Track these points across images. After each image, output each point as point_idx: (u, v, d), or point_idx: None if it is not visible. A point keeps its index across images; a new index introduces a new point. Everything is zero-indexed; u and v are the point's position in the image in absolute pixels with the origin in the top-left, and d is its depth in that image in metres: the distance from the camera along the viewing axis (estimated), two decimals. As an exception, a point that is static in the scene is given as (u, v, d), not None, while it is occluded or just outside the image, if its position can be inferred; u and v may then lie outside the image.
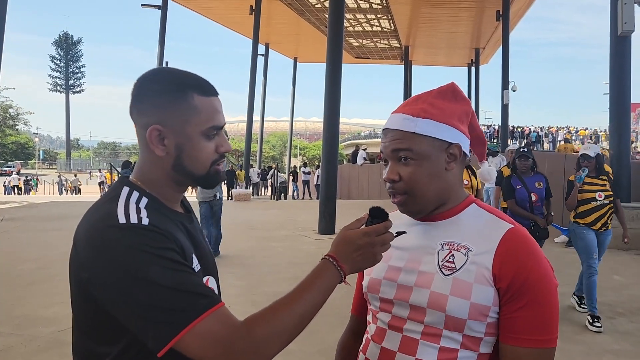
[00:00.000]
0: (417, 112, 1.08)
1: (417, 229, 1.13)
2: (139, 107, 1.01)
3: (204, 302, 0.88)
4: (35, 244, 8.19)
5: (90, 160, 70.14)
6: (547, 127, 39.14)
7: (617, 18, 7.97)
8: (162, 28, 20.32)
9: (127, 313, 0.88)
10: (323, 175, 9.95)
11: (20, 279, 5.91)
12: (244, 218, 11.58)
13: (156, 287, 0.86)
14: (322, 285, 0.96)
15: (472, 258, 1.03)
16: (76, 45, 74.01)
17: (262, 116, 29.69)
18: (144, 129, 1.00)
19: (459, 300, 1.00)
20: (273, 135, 75.34)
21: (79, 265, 0.94)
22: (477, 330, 1.02)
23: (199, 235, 1.09)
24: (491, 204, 10.30)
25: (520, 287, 0.99)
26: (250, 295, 5.24)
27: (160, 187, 1.03)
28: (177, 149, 1.00)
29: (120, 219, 0.91)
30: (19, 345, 3.79)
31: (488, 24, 21.35)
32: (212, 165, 1.03)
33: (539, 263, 1.02)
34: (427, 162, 1.07)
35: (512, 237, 1.03)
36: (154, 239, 0.90)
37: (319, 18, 23.23)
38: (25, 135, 70.45)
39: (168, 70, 1.05)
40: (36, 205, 15.87)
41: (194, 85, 1.01)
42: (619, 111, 8.48)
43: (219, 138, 1.04)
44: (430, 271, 1.05)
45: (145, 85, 1.02)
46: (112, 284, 0.88)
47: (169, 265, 0.89)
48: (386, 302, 1.11)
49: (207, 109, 1.01)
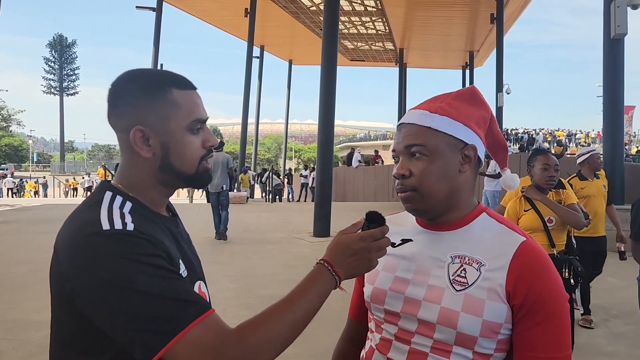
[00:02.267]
0: (435, 108, 1.05)
1: (424, 237, 1.09)
2: (117, 111, 0.97)
3: (193, 310, 0.85)
4: (28, 247, 8.13)
5: (85, 163, 69.82)
6: (538, 129, 39.40)
7: (610, 21, 8.02)
8: (157, 30, 20.30)
9: (114, 324, 0.84)
10: (318, 178, 9.95)
11: (12, 282, 5.86)
12: (239, 220, 11.54)
13: (143, 296, 0.83)
14: (317, 291, 0.94)
15: (485, 274, 0.99)
16: (70, 47, 73.72)
17: (257, 118, 29.66)
18: (125, 132, 0.96)
19: (471, 318, 0.97)
20: (268, 138, 75.35)
21: (61, 276, 0.90)
22: (488, 347, 0.99)
23: (184, 240, 1.06)
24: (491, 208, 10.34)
25: (534, 304, 0.96)
26: (245, 299, 5.21)
27: (145, 190, 0.99)
28: (163, 148, 0.96)
29: (104, 225, 0.87)
30: (10, 350, 3.75)
31: (482, 26, 21.44)
32: (201, 162, 1.00)
33: (552, 278, 0.99)
34: (440, 159, 1.03)
35: (525, 252, 1.00)
36: (140, 245, 0.87)
37: (314, 20, 23.26)
38: (18, 138, 70.09)
39: (141, 70, 1.01)
40: (30, 208, 15.77)
41: (170, 80, 0.98)
42: (612, 113, 8.53)
43: (204, 132, 1.00)
44: (440, 285, 1.01)
45: (120, 87, 0.98)
46: (97, 294, 0.84)
47: (155, 272, 0.85)
48: (392, 315, 1.07)
49: (187, 102, 0.98)
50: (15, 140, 66.86)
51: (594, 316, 4.54)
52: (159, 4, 20.47)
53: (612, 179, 8.11)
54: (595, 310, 4.73)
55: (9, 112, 55.82)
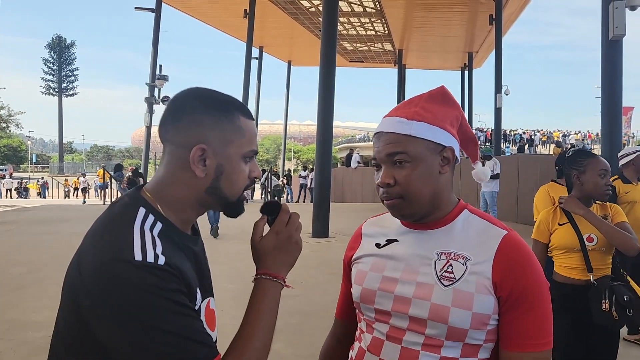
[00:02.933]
0: (411, 115, 1.08)
1: (409, 237, 1.12)
2: (177, 125, 0.96)
3: (204, 352, 0.86)
4: (26, 248, 8.12)
5: (84, 164, 69.72)
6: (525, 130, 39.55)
7: (608, 22, 8.04)
8: (156, 31, 20.28)
9: (126, 354, 0.84)
10: (317, 179, 9.95)
11: (10, 283, 5.85)
12: (237, 221, 11.50)
13: (164, 333, 0.83)
14: (269, 305, 0.97)
15: (471, 268, 1.03)
16: (69, 48, 73.70)
17: (256, 119, 29.37)
18: (182, 148, 0.94)
19: (461, 311, 1.00)
20: (267, 139, 75.35)
21: (81, 289, 0.88)
22: (478, 338, 1.03)
23: (202, 257, 1.05)
24: (488, 208, 10.32)
25: (520, 294, 1.01)
26: (244, 299, 5.13)
27: (182, 209, 0.98)
28: (217, 171, 0.96)
29: (137, 255, 0.85)
30: (9, 351, 3.75)
31: (481, 28, 21.46)
32: (243, 191, 1.00)
33: (536, 269, 1.04)
34: (422, 164, 1.06)
35: (509, 245, 1.04)
36: (167, 280, 0.86)
37: (313, 22, 23.26)
38: (17, 139, 70.08)
39: (208, 89, 1.00)
40: (28, 209, 15.75)
41: (238, 106, 0.99)
42: (610, 114, 8.54)
43: (252, 163, 1.01)
44: (429, 282, 1.04)
45: (186, 102, 0.97)
46: (118, 324, 0.83)
47: (177, 309, 0.85)
48: (382, 314, 1.09)
49: (250, 131, 0.99)
50: (14, 141, 66.83)
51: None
52: (158, 5, 20.45)
53: (610, 180, 8.14)
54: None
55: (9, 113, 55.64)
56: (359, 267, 1.17)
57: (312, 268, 6.53)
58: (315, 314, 4.63)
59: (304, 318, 4.56)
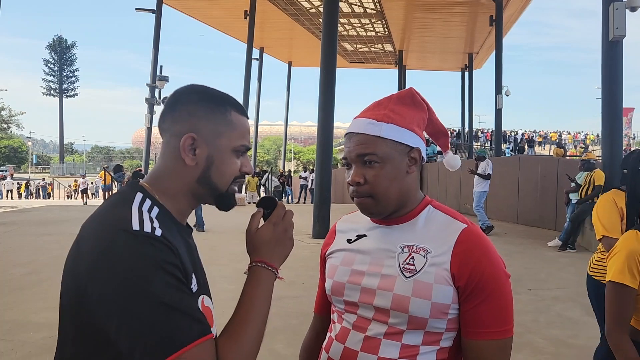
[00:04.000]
0: (381, 117, 1.13)
1: (377, 232, 1.18)
2: (174, 115, 1.01)
3: (198, 329, 0.86)
4: (26, 249, 8.13)
5: (84, 165, 69.78)
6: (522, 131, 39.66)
7: (608, 23, 8.04)
8: (157, 32, 20.28)
9: (120, 325, 0.83)
10: (317, 180, 9.96)
11: (10, 284, 5.86)
12: (237, 222, 11.53)
13: (157, 302, 0.83)
14: (263, 292, 0.99)
15: (431, 260, 1.08)
16: (70, 49, 73.66)
17: (256, 120, 29.65)
18: (175, 137, 0.99)
19: (421, 301, 1.06)
20: (267, 140, 75.30)
21: (79, 266, 0.89)
22: (438, 327, 1.08)
23: (196, 251, 1.07)
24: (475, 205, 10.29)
25: (477, 284, 1.05)
26: (244, 300, 5.21)
27: (177, 198, 1.01)
28: (207, 161, 1.00)
29: (135, 225, 0.88)
30: (9, 351, 3.75)
31: (481, 29, 21.45)
32: (232, 183, 1.03)
33: (493, 259, 1.09)
34: (390, 165, 1.11)
35: (467, 237, 1.09)
36: (164, 251, 0.88)
37: (314, 22, 23.27)
38: (18, 139, 70.12)
39: (205, 86, 1.06)
40: (29, 210, 15.76)
41: (232, 102, 1.04)
42: (611, 115, 8.53)
43: (243, 158, 1.05)
44: (392, 274, 1.10)
45: (183, 95, 1.02)
46: (114, 290, 0.84)
47: (172, 283, 0.86)
48: (351, 305, 1.15)
49: (241, 126, 1.04)
50: (15, 142, 66.85)
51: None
52: (158, 5, 20.45)
53: (610, 180, 8.14)
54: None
55: (10, 113, 55.59)
56: (331, 261, 1.24)
57: (312, 268, 6.52)
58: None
59: (304, 318, 4.57)
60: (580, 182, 8.40)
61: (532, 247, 8.56)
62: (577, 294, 5.51)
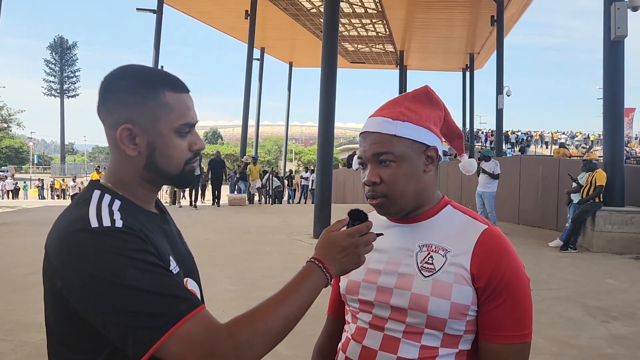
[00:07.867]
0: (396, 115, 1.10)
1: (394, 231, 1.15)
2: (107, 106, 0.97)
3: (184, 305, 0.85)
4: (27, 249, 8.12)
5: (85, 165, 69.82)
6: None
7: (610, 23, 8.03)
8: (158, 32, 20.28)
9: (105, 320, 0.84)
10: (318, 180, 9.94)
11: (11, 284, 5.86)
12: (238, 222, 11.54)
13: (133, 292, 0.83)
14: (308, 287, 0.95)
15: (451, 259, 1.06)
16: (71, 50, 73.57)
17: (257, 121, 29.66)
18: (113, 129, 0.96)
19: (440, 301, 1.03)
20: (268, 140, 75.38)
21: (52, 274, 0.90)
22: (457, 329, 1.05)
23: (175, 237, 1.06)
24: (485, 209, 10.29)
25: (497, 286, 1.03)
26: (245, 300, 5.21)
27: (132, 188, 0.99)
28: (149, 148, 0.96)
29: (93, 222, 0.88)
30: (10, 352, 3.75)
31: (482, 29, 21.44)
32: (187, 165, 1.00)
33: (514, 261, 1.06)
34: (406, 164, 1.09)
35: (488, 238, 1.07)
36: (129, 241, 0.87)
37: (314, 23, 23.28)
38: (19, 140, 70.24)
39: (136, 67, 1.00)
40: (30, 210, 15.77)
41: (163, 81, 0.98)
42: (612, 115, 8.52)
43: (191, 136, 1.00)
44: (410, 273, 1.08)
45: (112, 82, 0.97)
46: (88, 291, 0.84)
47: (145, 267, 0.85)
48: (366, 304, 1.13)
49: (178, 105, 0.98)
50: (16, 142, 66.99)
51: (593, 318, 4.53)
52: (159, 6, 20.45)
53: (612, 181, 8.13)
54: (595, 312, 4.73)
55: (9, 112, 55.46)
56: None
57: (313, 269, 6.51)
58: (317, 315, 4.65)
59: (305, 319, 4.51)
60: (582, 183, 8.39)
61: (533, 247, 8.55)
62: (579, 294, 5.51)
